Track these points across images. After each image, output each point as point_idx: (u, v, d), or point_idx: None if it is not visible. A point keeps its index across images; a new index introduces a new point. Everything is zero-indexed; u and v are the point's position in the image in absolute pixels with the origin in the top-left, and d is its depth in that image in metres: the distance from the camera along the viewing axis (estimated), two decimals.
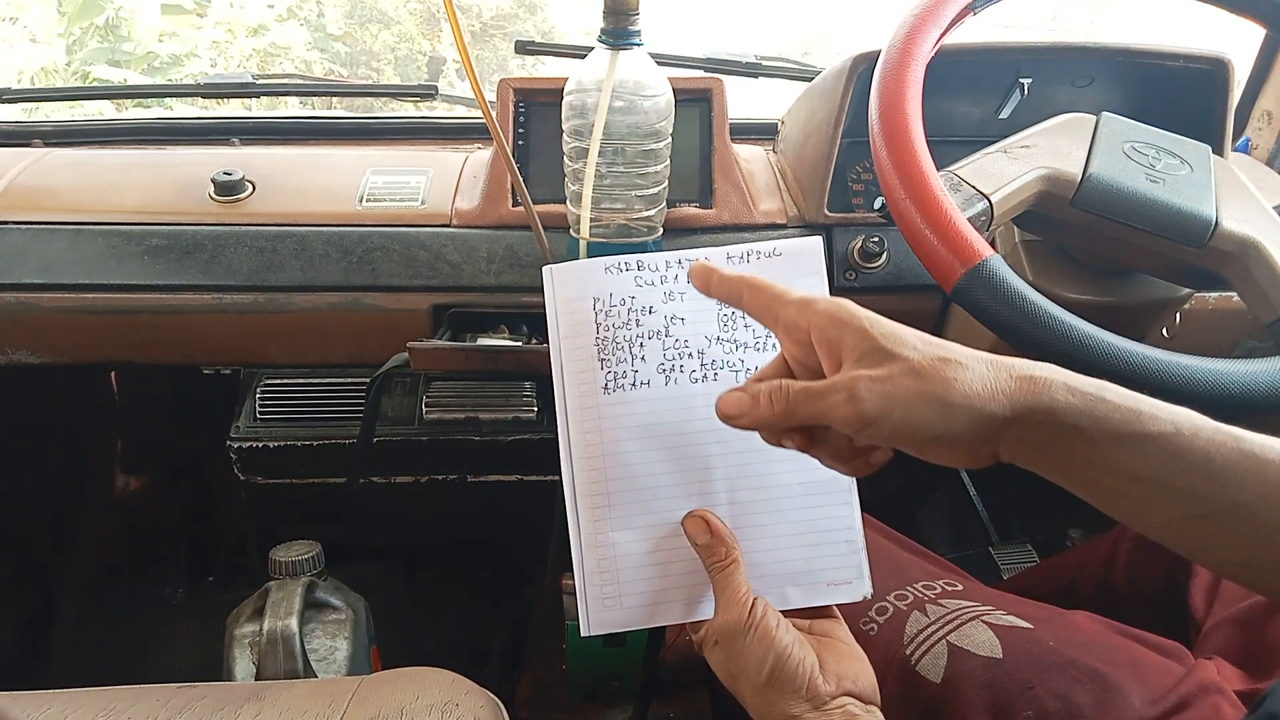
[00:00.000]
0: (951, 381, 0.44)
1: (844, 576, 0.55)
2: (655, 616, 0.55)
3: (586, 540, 0.55)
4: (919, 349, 0.46)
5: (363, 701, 0.63)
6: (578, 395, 0.55)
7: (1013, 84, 0.94)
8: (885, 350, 0.45)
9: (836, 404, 0.45)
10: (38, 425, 1.25)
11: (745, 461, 0.55)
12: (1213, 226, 0.72)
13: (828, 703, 0.49)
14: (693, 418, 0.55)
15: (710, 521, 0.54)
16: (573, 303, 0.56)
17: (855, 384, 0.45)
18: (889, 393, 0.44)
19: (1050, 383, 0.45)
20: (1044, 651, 0.61)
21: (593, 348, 0.56)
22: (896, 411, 0.44)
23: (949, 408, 0.44)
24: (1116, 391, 0.45)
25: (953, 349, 0.46)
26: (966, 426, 0.45)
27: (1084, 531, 1.29)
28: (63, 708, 0.62)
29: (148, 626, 1.31)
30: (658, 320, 0.56)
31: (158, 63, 3.48)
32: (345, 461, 1.01)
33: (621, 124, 0.75)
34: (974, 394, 0.44)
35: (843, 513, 0.55)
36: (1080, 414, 0.44)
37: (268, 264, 0.91)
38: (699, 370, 0.55)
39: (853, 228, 0.95)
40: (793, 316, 0.48)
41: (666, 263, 0.56)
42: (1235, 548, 0.45)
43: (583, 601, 0.55)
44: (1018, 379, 0.45)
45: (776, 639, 0.50)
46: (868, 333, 0.46)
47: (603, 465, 0.55)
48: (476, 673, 0.68)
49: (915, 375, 0.45)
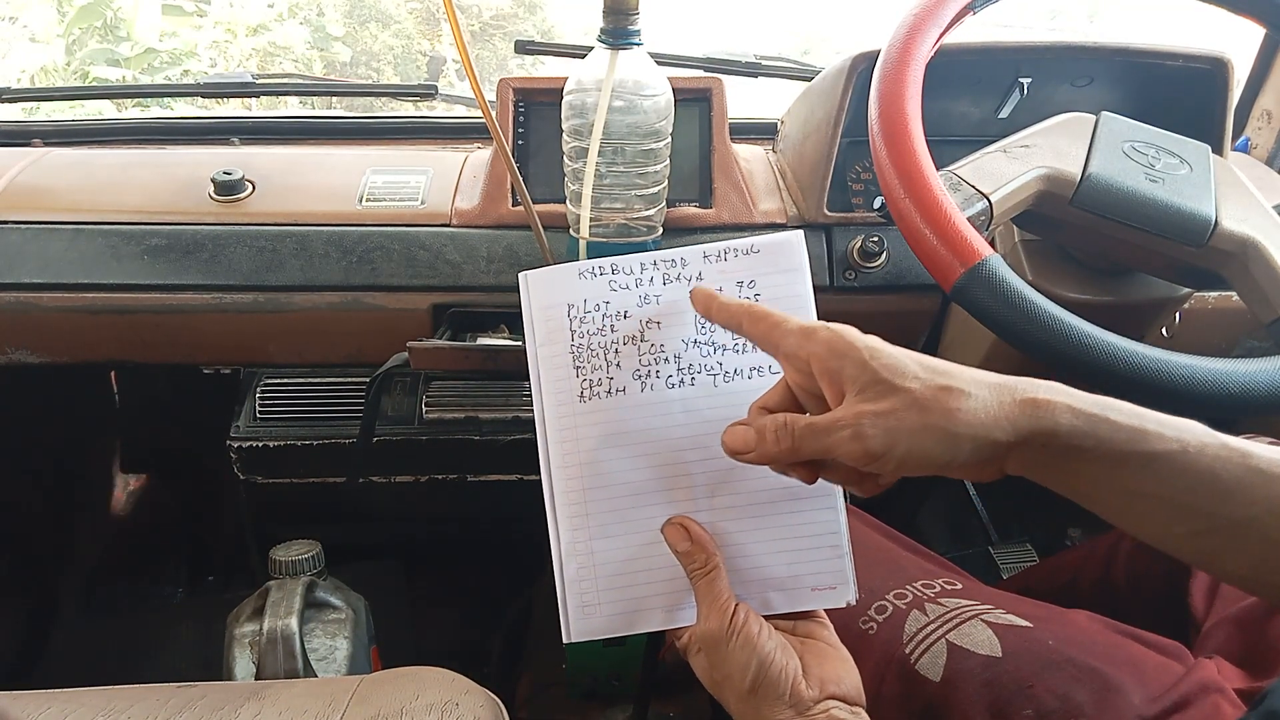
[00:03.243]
0: (955, 412, 0.44)
1: (828, 582, 0.54)
2: (636, 624, 0.55)
3: (566, 548, 0.55)
4: (921, 379, 0.46)
5: (363, 701, 0.63)
6: (555, 404, 0.55)
7: (1012, 84, 0.94)
8: (886, 382, 0.45)
9: (841, 440, 0.45)
10: (38, 425, 1.25)
11: (725, 467, 0.54)
12: (1212, 226, 0.72)
13: (812, 708, 0.49)
14: (670, 424, 0.55)
15: (690, 528, 0.53)
16: (547, 309, 0.56)
17: (859, 420, 0.45)
18: (893, 427, 0.44)
19: (1054, 405, 0.45)
20: (1043, 650, 0.61)
21: (568, 355, 0.55)
22: (901, 445, 0.45)
23: (953, 438, 0.44)
24: (1122, 410, 0.45)
25: (954, 374, 0.46)
26: (972, 454, 0.45)
27: (1084, 531, 1.29)
28: (63, 708, 0.62)
29: (148, 626, 1.31)
30: (633, 325, 0.55)
31: (158, 62, 3.48)
32: (345, 461, 1.01)
33: (621, 124, 0.75)
34: (978, 422, 0.44)
35: (827, 518, 0.55)
36: (1084, 435, 0.44)
37: (268, 264, 0.91)
38: (675, 375, 0.55)
39: (852, 227, 0.95)
40: (793, 346, 0.48)
41: (641, 265, 0.56)
42: (1242, 561, 0.46)
43: (563, 609, 0.55)
44: (1021, 403, 0.45)
45: (759, 645, 0.50)
46: (867, 364, 0.46)
47: (580, 474, 0.55)
48: (476, 672, 0.68)
49: (918, 408, 0.45)
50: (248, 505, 1.17)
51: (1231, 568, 0.47)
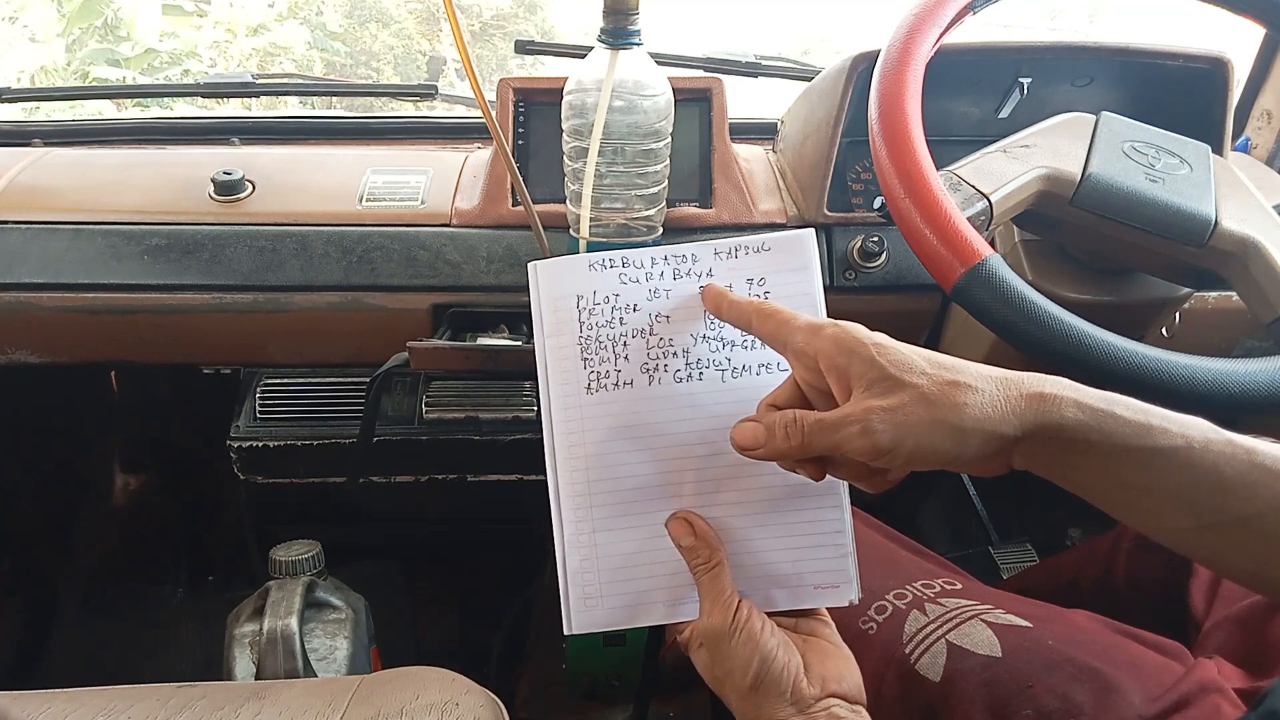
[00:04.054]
0: (963, 407, 0.45)
1: (831, 580, 0.54)
2: (637, 617, 0.55)
3: (569, 540, 0.55)
4: (928, 374, 0.46)
5: (363, 701, 0.63)
6: (561, 395, 0.55)
7: (1012, 84, 0.94)
8: (894, 378, 0.46)
9: (850, 436, 0.46)
10: (38, 425, 1.25)
11: (731, 463, 0.54)
12: (1212, 226, 0.72)
13: (813, 705, 0.49)
14: (677, 418, 0.55)
15: (694, 523, 0.53)
16: (556, 300, 0.55)
17: (868, 415, 0.45)
18: (902, 422, 0.45)
19: (1060, 399, 0.45)
20: (1043, 650, 0.61)
21: (576, 346, 0.55)
22: (910, 440, 0.45)
23: (961, 433, 0.45)
24: (1127, 405, 0.45)
25: (961, 369, 0.46)
26: (979, 449, 0.45)
27: (1084, 531, 1.29)
28: (63, 708, 0.62)
29: (148, 626, 1.31)
30: (642, 318, 0.55)
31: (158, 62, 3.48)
32: (345, 461, 1.01)
33: (621, 124, 0.75)
34: (985, 417, 0.45)
35: (831, 515, 0.55)
36: (1090, 429, 0.45)
37: (268, 264, 0.91)
38: (683, 370, 0.55)
39: (852, 227, 0.95)
40: (801, 343, 0.49)
41: (652, 259, 0.55)
42: (1247, 557, 0.46)
43: (565, 601, 0.55)
44: (1028, 397, 0.45)
45: (762, 642, 0.50)
46: (875, 360, 0.46)
47: (586, 466, 0.54)
48: (476, 672, 0.68)
49: (926, 403, 0.45)
50: (248, 505, 1.17)
51: (1234, 564, 0.47)
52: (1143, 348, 0.64)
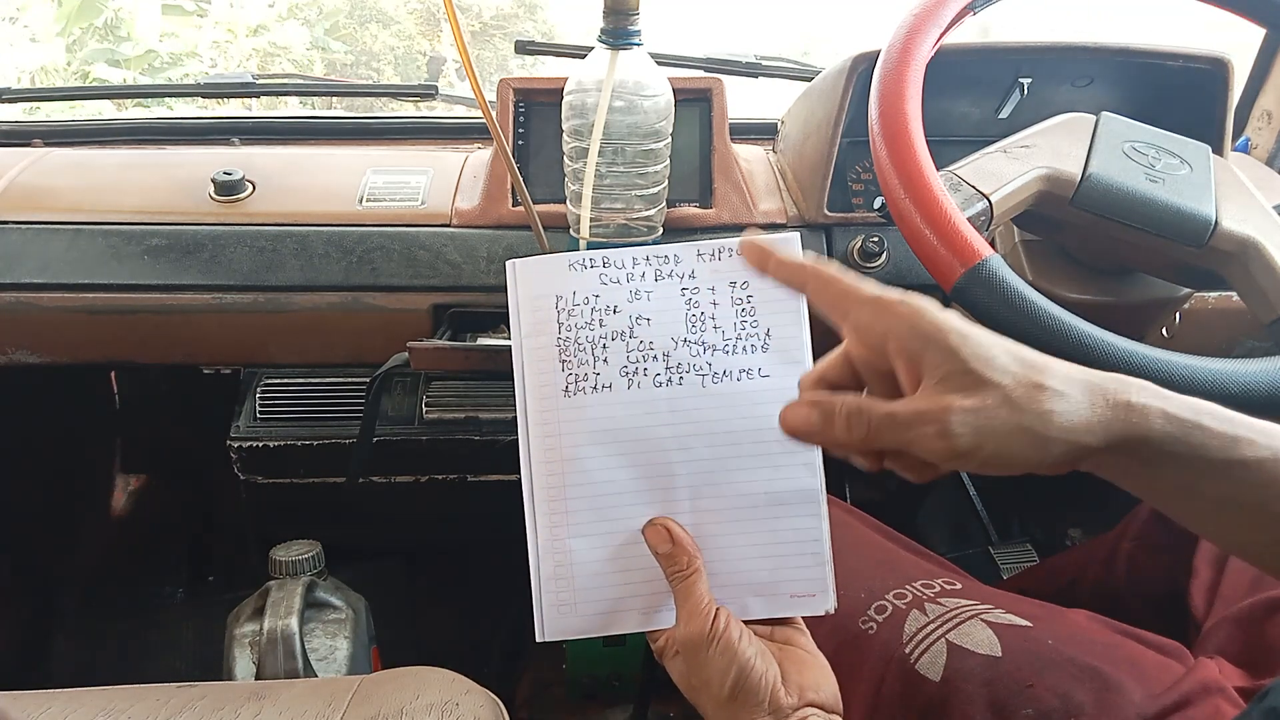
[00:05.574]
0: (1050, 414, 0.42)
1: (808, 589, 0.53)
2: (612, 625, 0.54)
3: (543, 546, 0.54)
4: (1012, 372, 0.42)
5: (363, 701, 0.63)
6: (538, 397, 0.54)
7: (1012, 84, 0.94)
8: (976, 374, 0.42)
9: (924, 436, 0.42)
10: (38, 425, 1.25)
11: (709, 469, 0.53)
12: (1212, 226, 0.72)
13: (790, 715, 0.48)
14: (656, 423, 0.53)
15: (672, 530, 0.52)
16: (535, 300, 0.55)
17: (947, 415, 0.42)
18: (983, 426, 0.41)
19: (1148, 410, 0.43)
20: (1043, 650, 0.61)
21: (554, 348, 0.54)
22: (990, 445, 0.42)
23: (1045, 441, 0.42)
24: (1215, 415, 0.43)
25: (1047, 369, 0.43)
26: (1060, 457, 0.43)
27: (1084, 531, 1.29)
28: (63, 708, 0.62)
29: (148, 626, 1.31)
30: (622, 320, 0.54)
31: (158, 62, 3.48)
32: (345, 461, 1.01)
33: (621, 124, 0.75)
34: (1071, 426, 0.42)
35: (809, 524, 0.53)
36: (1176, 441, 0.42)
37: (268, 264, 0.91)
38: (663, 374, 0.53)
39: (852, 227, 0.95)
40: (866, 319, 0.45)
41: (634, 260, 0.54)
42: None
43: (537, 607, 0.54)
44: (1114, 406, 0.43)
45: (739, 651, 0.49)
46: (956, 353, 0.43)
47: (562, 470, 0.54)
48: (476, 672, 0.68)
49: (1011, 406, 0.42)
50: (248, 505, 1.17)
51: None
52: (1143, 348, 0.64)
